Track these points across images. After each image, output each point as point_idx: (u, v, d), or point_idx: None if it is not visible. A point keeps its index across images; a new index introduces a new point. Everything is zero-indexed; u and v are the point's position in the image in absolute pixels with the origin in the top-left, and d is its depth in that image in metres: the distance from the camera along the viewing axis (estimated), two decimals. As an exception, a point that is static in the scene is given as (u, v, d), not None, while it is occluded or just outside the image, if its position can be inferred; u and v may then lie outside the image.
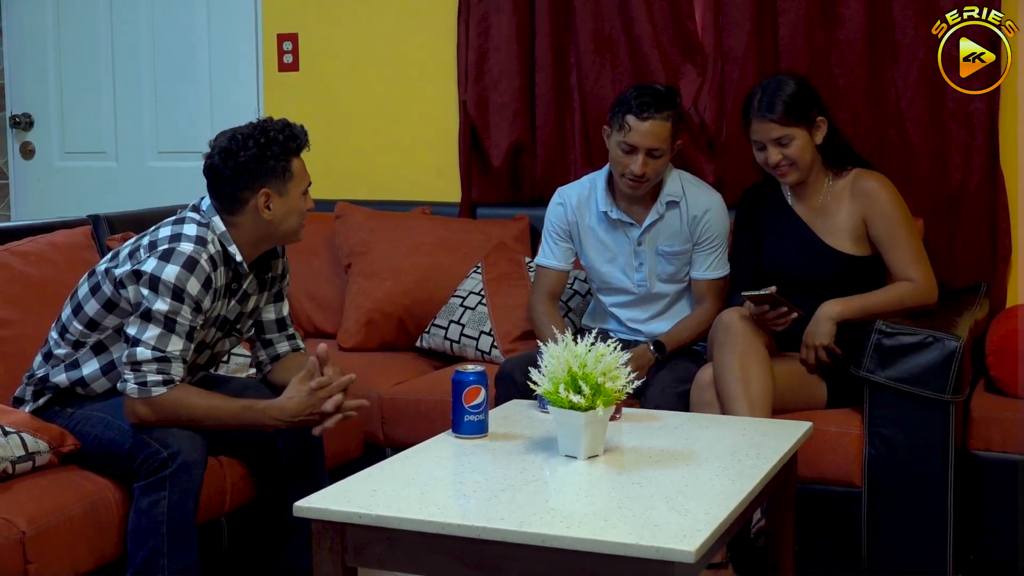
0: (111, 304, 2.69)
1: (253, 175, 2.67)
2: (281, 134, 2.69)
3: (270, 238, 2.76)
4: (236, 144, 2.67)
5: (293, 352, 2.96)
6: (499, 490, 2.19)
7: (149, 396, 2.59)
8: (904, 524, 2.95)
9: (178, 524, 2.54)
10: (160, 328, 2.58)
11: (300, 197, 2.75)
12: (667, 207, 3.27)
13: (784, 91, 3.07)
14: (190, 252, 2.61)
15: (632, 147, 3.15)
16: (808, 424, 2.67)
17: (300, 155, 2.75)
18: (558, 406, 2.31)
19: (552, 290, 3.40)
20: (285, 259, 2.95)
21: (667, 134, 3.16)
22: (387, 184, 4.43)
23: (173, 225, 2.70)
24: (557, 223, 3.39)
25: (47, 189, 5.05)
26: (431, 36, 4.29)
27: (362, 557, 2.11)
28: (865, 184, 3.12)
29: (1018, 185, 3.56)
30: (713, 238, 3.29)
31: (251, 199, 2.68)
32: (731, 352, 2.94)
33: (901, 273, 3.08)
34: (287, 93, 4.56)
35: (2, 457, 2.50)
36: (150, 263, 2.60)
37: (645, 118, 3.13)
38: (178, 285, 2.58)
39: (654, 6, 3.82)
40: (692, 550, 1.87)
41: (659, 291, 3.34)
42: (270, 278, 2.89)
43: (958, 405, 2.93)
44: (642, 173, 3.16)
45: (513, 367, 3.12)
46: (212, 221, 2.70)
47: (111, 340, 2.72)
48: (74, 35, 4.97)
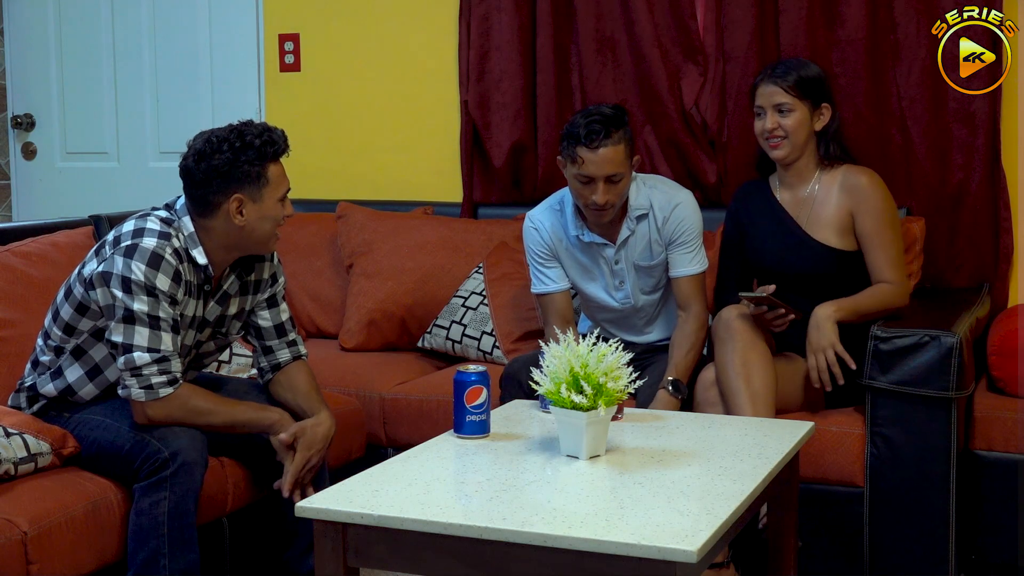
0: (83, 307, 2.66)
1: (226, 180, 2.60)
2: (258, 139, 2.61)
3: (241, 245, 2.69)
4: (211, 147, 2.61)
5: (295, 361, 2.91)
6: (501, 490, 2.19)
7: (157, 398, 2.59)
8: (906, 524, 2.95)
9: (179, 524, 2.54)
10: (147, 328, 2.56)
11: (275, 204, 2.66)
12: (637, 221, 3.19)
13: (801, 67, 3.12)
14: (153, 247, 2.57)
15: (589, 178, 3.04)
16: (810, 424, 2.67)
17: (279, 160, 2.67)
18: (560, 406, 2.31)
19: (562, 314, 3.26)
20: (276, 263, 2.89)
21: (621, 157, 3.04)
22: (389, 184, 4.43)
23: (136, 220, 2.66)
24: (538, 249, 3.29)
25: (49, 189, 5.06)
26: (432, 36, 4.29)
27: (364, 557, 2.11)
28: (856, 179, 3.11)
29: (1019, 185, 3.56)
30: (685, 234, 3.18)
31: (223, 204, 2.62)
32: (732, 349, 2.94)
33: (879, 273, 3.07)
34: (288, 93, 4.57)
35: (4, 458, 2.50)
36: (116, 262, 2.56)
37: (596, 147, 3.01)
38: (148, 282, 2.55)
39: (655, 6, 3.82)
40: (694, 550, 1.87)
41: (644, 303, 3.29)
42: (254, 281, 2.84)
43: (960, 405, 2.93)
44: (605, 202, 3.06)
45: (518, 368, 3.08)
46: (182, 221, 2.66)
47: (88, 344, 2.69)
48: (75, 36, 4.97)
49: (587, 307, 3.39)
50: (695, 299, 3.21)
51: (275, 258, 2.89)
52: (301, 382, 2.87)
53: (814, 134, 3.13)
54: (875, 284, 3.08)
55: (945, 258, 3.56)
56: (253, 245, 2.71)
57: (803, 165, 3.16)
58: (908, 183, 3.58)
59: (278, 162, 2.67)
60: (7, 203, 5.11)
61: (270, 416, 2.73)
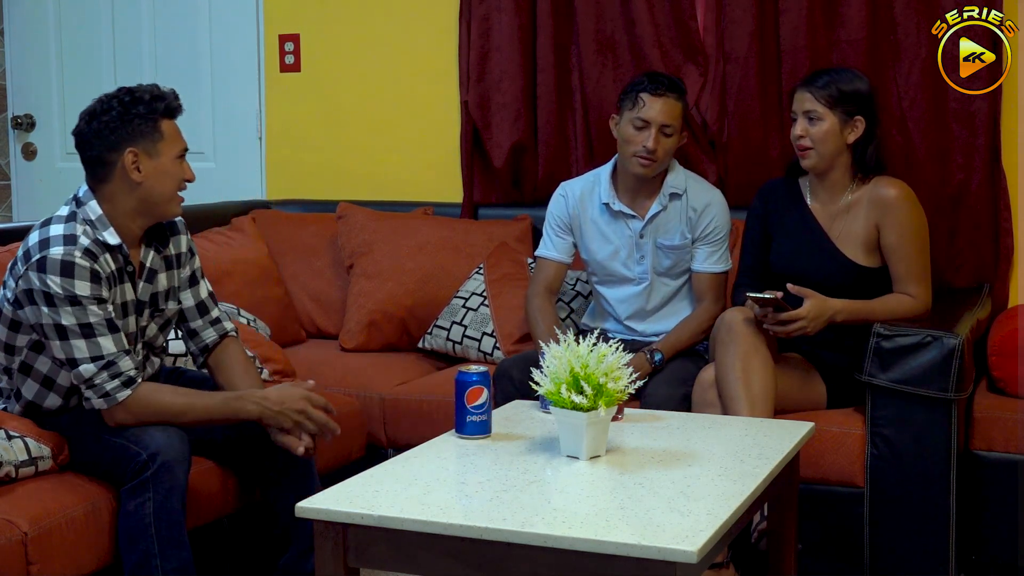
0: (15, 324, 2.62)
1: (118, 135, 2.59)
2: (147, 94, 2.62)
3: (145, 207, 2.64)
4: (101, 105, 2.61)
5: (223, 340, 2.86)
6: (501, 490, 2.19)
7: (117, 402, 2.57)
8: (906, 524, 2.95)
9: (166, 524, 2.52)
10: (82, 340, 2.53)
11: (173, 161, 2.64)
12: (670, 199, 3.30)
13: (840, 77, 3.09)
14: (61, 256, 2.52)
15: (646, 122, 3.20)
16: (810, 424, 2.67)
17: (173, 119, 2.66)
18: (560, 406, 2.31)
19: (550, 283, 3.41)
20: (189, 237, 2.85)
21: (678, 114, 3.24)
22: (389, 184, 4.43)
23: (40, 230, 2.61)
24: (558, 215, 3.41)
25: (49, 190, 5.05)
26: (433, 36, 4.29)
27: (364, 557, 2.11)
28: (884, 191, 3.09)
29: (1019, 185, 3.56)
30: (714, 233, 3.30)
31: (118, 160, 2.60)
32: (733, 352, 2.93)
33: (902, 286, 3.07)
34: (289, 94, 4.57)
35: (6, 460, 2.50)
36: (32, 279, 2.52)
37: (659, 95, 3.21)
38: (67, 292, 2.51)
39: (656, 6, 3.82)
40: (694, 550, 1.87)
41: (658, 285, 3.34)
42: (175, 255, 2.80)
43: (960, 405, 2.93)
44: (655, 148, 3.19)
45: (511, 365, 3.15)
46: (87, 206, 2.62)
47: (32, 358, 2.65)
48: (76, 36, 4.97)
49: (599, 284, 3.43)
50: (710, 295, 3.31)
51: (187, 232, 2.85)
52: (235, 360, 2.83)
53: (847, 147, 3.10)
54: (894, 294, 3.07)
55: (945, 258, 3.55)
56: (156, 206, 2.66)
57: (836, 177, 3.14)
58: (908, 183, 3.57)
59: (172, 120, 2.66)
60: (7, 203, 5.11)
61: (247, 408, 2.65)
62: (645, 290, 3.35)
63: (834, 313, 2.98)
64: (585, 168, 3.91)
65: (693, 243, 3.31)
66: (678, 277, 3.36)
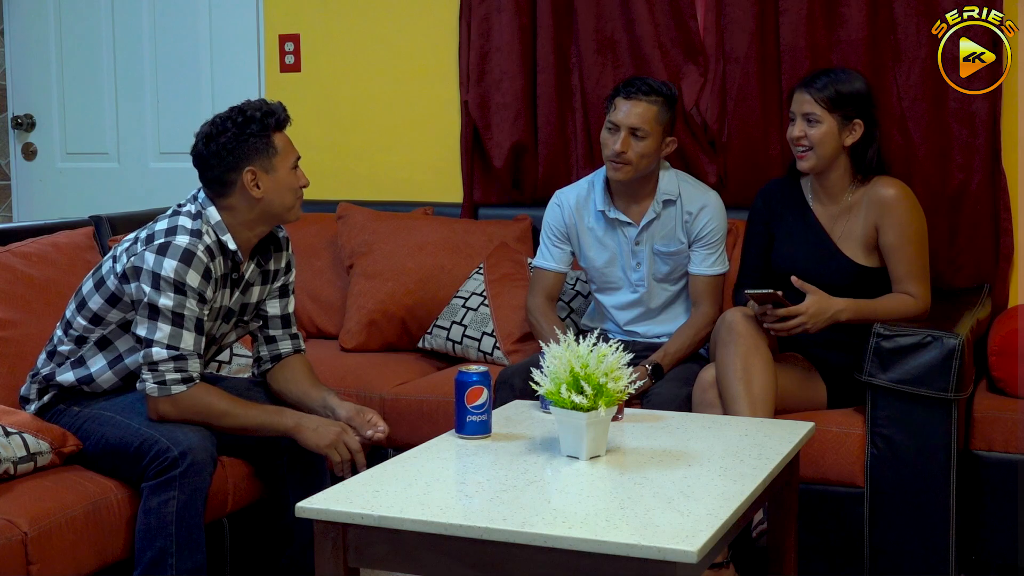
0: (115, 298, 2.70)
1: (235, 155, 2.67)
2: (259, 111, 2.68)
3: (266, 218, 2.75)
4: (216, 128, 2.68)
5: (296, 354, 2.95)
6: (501, 490, 2.19)
7: (169, 395, 2.61)
8: (906, 524, 2.95)
9: (187, 524, 2.55)
10: (169, 325, 2.60)
11: (289, 172, 2.73)
12: (663, 205, 3.28)
13: (838, 78, 3.08)
14: (186, 244, 2.62)
15: (615, 125, 3.19)
16: (810, 424, 2.67)
17: (283, 131, 2.73)
18: (560, 406, 2.31)
19: (549, 292, 3.41)
20: (291, 253, 2.94)
21: (651, 116, 3.19)
22: (389, 185, 4.43)
23: (169, 218, 2.71)
24: (555, 225, 3.40)
25: (49, 190, 5.06)
26: (433, 37, 4.30)
27: (364, 557, 2.11)
28: (883, 191, 3.09)
29: (1019, 185, 3.56)
30: (710, 235, 3.29)
31: (238, 180, 2.68)
32: (734, 352, 2.93)
33: (901, 286, 3.07)
34: (289, 94, 4.55)
35: (4, 458, 2.51)
36: (148, 258, 2.61)
37: (629, 97, 3.19)
38: (178, 279, 2.59)
39: (656, 6, 3.82)
40: (694, 550, 1.87)
41: (657, 291, 3.34)
42: (273, 270, 2.89)
43: (960, 405, 2.93)
44: (622, 151, 3.17)
45: (512, 373, 3.15)
46: (207, 211, 2.70)
47: (115, 335, 2.73)
48: (76, 36, 4.97)
49: (598, 291, 3.43)
50: (707, 298, 3.29)
51: (290, 248, 2.94)
52: (306, 372, 2.92)
53: (846, 149, 3.10)
54: (895, 294, 3.08)
55: (945, 258, 3.55)
56: (276, 217, 2.76)
57: (835, 179, 3.14)
58: (908, 183, 3.56)
59: (283, 132, 2.73)
60: (7, 203, 5.11)
61: (285, 422, 2.72)
62: (643, 296, 3.35)
63: (837, 312, 2.98)
64: (585, 167, 3.91)
65: (690, 246, 3.30)
66: (677, 282, 3.35)
